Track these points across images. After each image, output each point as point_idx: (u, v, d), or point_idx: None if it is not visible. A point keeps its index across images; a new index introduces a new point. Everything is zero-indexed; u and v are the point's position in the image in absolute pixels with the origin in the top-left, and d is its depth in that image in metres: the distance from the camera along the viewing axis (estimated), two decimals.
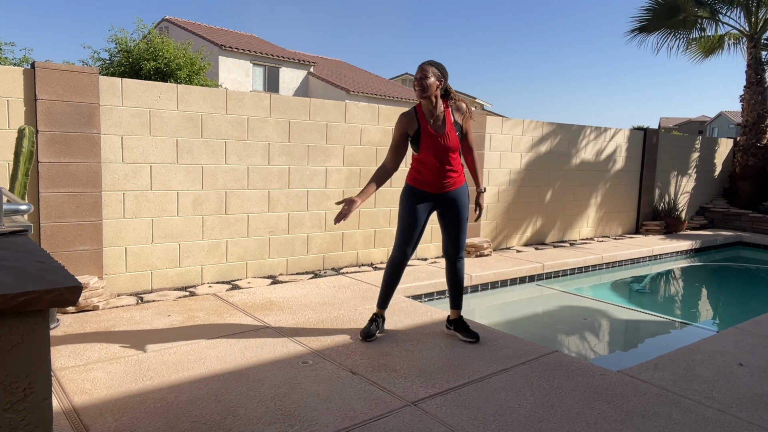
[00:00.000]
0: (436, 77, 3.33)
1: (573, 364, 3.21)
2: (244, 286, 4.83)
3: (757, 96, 9.99)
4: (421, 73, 3.31)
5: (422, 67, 3.33)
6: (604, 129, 8.25)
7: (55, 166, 4.05)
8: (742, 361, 3.36)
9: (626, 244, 7.71)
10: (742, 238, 9.04)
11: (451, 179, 3.46)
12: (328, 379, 2.90)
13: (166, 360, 3.09)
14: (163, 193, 4.59)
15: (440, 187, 3.46)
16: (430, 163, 3.39)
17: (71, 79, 4.05)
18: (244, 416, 2.48)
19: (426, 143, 3.35)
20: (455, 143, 3.39)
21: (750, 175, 10.16)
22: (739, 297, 6.24)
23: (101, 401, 2.58)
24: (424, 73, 3.30)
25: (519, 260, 6.26)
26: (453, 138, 3.38)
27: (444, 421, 2.48)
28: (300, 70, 26.70)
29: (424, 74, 3.30)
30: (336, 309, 4.17)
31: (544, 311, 5.19)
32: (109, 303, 4.15)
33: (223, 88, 5.11)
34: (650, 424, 2.51)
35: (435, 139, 3.35)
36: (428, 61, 3.36)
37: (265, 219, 5.16)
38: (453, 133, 3.39)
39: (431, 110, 3.38)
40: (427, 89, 3.30)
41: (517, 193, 7.25)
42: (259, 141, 5.04)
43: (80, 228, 4.19)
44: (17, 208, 1.78)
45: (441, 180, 3.43)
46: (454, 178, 3.47)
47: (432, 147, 3.35)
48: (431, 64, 3.34)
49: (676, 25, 10.31)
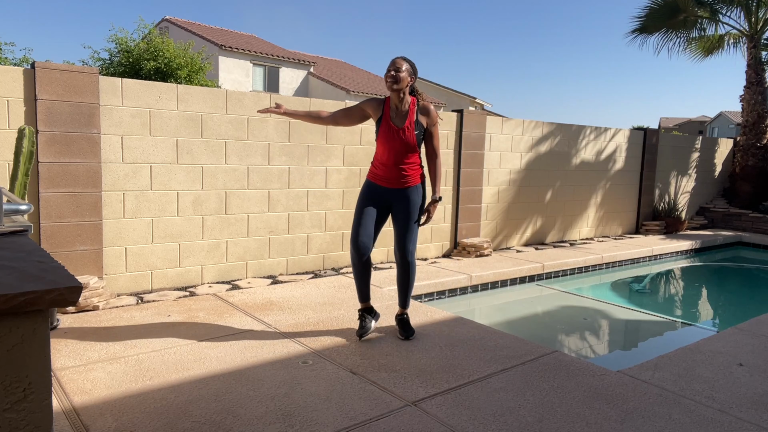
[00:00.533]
0: (408, 73, 3.38)
1: (573, 364, 3.21)
2: (244, 286, 4.83)
3: (757, 96, 9.99)
4: (394, 66, 3.35)
5: (396, 60, 3.37)
6: (604, 129, 8.25)
7: (55, 166, 4.05)
8: (742, 361, 3.36)
9: (626, 244, 7.71)
10: (742, 238, 9.04)
11: (403, 176, 3.47)
12: (328, 379, 2.90)
13: (166, 360, 3.09)
14: (163, 193, 4.59)
15: (392, 183, 3.48)
16: (384, 157, 3.45)
17: (71, 79, 4.05)
18: (244, 416, 2.48)
19: (383, 134, 3.42)
20: (412, 141, 3.42)
21: (750, 175, 10.16)
22: (739, 297, 6.24)
23: (101, 401, 2.58)
24: (397, 66, 3.35)
25: (519, 260, 6.26)
26: (410, 136, 3.41)
27: (444, 421, 2.48)
28: (300, 70, 26.69)
29: (398, 67, 3.35)
30: (336, 309, 4.17)
31: (544, 311, 5.19)
32: (109, 303, 4.15)
33: (223, 89, 5.11)
34: (650, 424, 2.51)
35: (392, 132, 3.40)
36: (401, 56, 3.41)
37: (265, 219, 5.16)
38: (411, 131, 3.42)
39: (397, 105, 3.44)
40: (399, 82, 3.34)
41: (517, 193, 7.25)
42: (259, 141, 5.04)
43: (80, 228, 4.19)
44: (17, 208, 1.78)
45: (393, 175, 3.46)
46: (407, 176, 3.48)
47: (388, 139, 3.40)
48: (405, 60, 3.39)
49: (676, 26, 10.31)
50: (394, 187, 3.49)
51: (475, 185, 6.65)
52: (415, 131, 3.43)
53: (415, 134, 3.43)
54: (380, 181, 3.51)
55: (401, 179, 3.47)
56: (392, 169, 3.45)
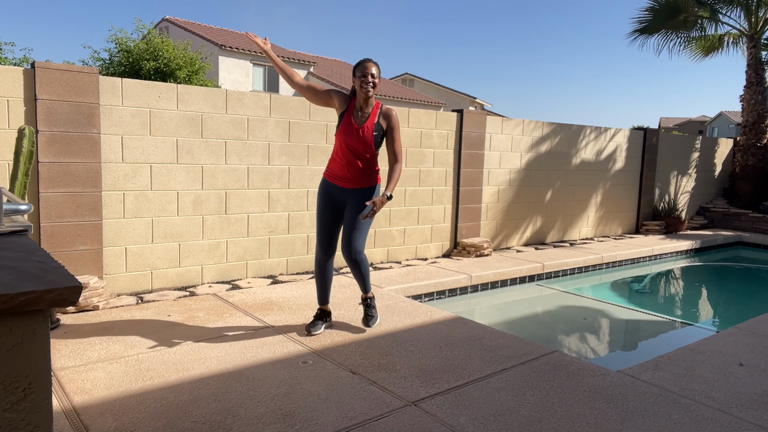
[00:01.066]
0: (379, 78, 3.44)
1: (573, 364, 3.21)
2: (244, 286, 4.83)
3: (757, 96, 10.00)
4: (371, 73, 3.37)
5: (369, 65, 3.39)
6: (604, 129, 8.25)
7: (55, 166, 4.05)
8: (742, 361, 3.36)
9: (626, 244, 7.71)
10: (742, 238, 9.04)
11: (357, 176, 3.49)
12: (328, 379, 2.90)
13: (166, 360, 3.09)
14: (163, 193, 4.59)
15: (347, 182, 3.50)
16: (340, 155, 3.47)
17: (71, 79, 4.05)
18: (244, 416, 2.48)
19: (342, 129, 3.44)
20: (369, 141, 3.44)
21: (750, 175, 10.16)
22: (739, 297, 6.24)
23: (101, 401, 2.58)
24: (373, 73, 3.38)
25: (519, 260, 6.26)
26: (368, 136, 3.43)
27: (444, 421, 2.48)
28: (300, 70, 26.69)
29: (374, 74, 3.38)
30: (336, 309, 4.17)
31: (544, 311, 5.19)
32: (109, 303, 4.15)
33: (223, 88, 5.11)
34: (650, 424, 2.51)
35: (351, 130, 3.42)
36: (369, 59, 3.42)
37: (265, 219, 5.16)
38: (369, 132, 3.44)
39: (362, 105, 3.46)
40: (375, 88, 3.41)
41: (517, 192, 7.25)
42: (259, 141, 5.04)
43: (80, 228, 4.19)
44: (17, 208, 1.78)
45: (348, 174, 3.48)
46: (361, 176, 3.49)
47: (345, 136, 3.42)
48: (375, 63, 3.41)
49: (676, 26, 10.32)
50: (348, 187, 3.51)
51: (475, 185, 6.65)
52: (374, 132, 3.46)
53: (374, 135, 3.45)
54: (335, 179, 3.53)
55: (356, 179, 3.49)
56: (347, 168, 3.48)
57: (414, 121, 6.07)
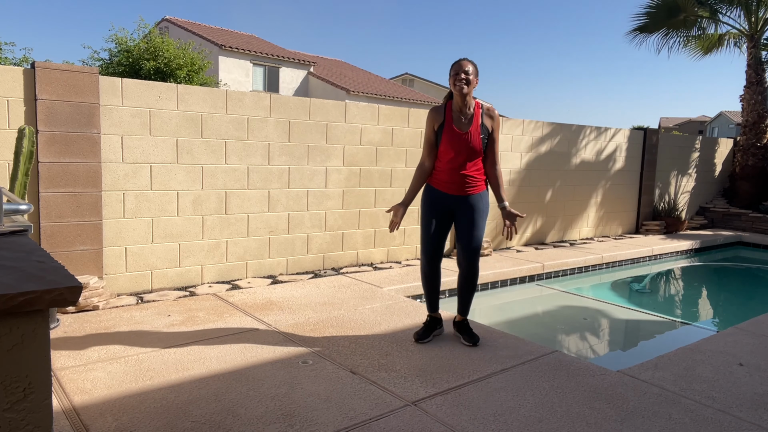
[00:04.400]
0: (474, 75, 3.26)
1: (573, 364, 3.21)
2: (244, 286, 4.83)
3: (757, 96, 9.99)
4: (463, 69, 3.21)
5: (463, 63, 3.23)
6: (604, 129, 8.25)
7: (55, 166, 4.05)
8: (742, 361, 3.36)
9: (626, 244, 7.71)
10: (742, 238, 9.04)
11: (468, 183, 3.37)
12: (328, 379, 2.90)
13: (166, 360, 3.09)
14: (163, 193, 4.59)
15: (457, 189, 3.37)
16: (449, 162, 3.33)
17: (71, 79, 4.05)
18: (244, 416, 2.48)
19: (447, 139, 3.29)
20: (477, 145, 3.31)
21: (750, 175, 10.16)
22: (739, 297, 6.24)
23: (101, 401, 2.58)
24: (466, 69, 3.22)
25: (519, 260, 6.26)
26: (476, 139, 3.30)
27: (444, 421, 2.48)
28: (300, 70, 26.69)
29: (467, 70, 3.21)
30: (336, 309, 4.17)
31: (544, 311, 5.19)
32: (109, 303, 4.15)
33: (223, 88, 5.11)
34: (650, 424, 2.51)
35: (457, 137, 3.28)
36: (466, 58, 3.27)
37: (265, 219, 5.16)
38: (477, 135, 3.30)
39: (461, 108, 3.31)
40: (470, 84, 3.23)
41: (517, 192, 7.25)
42: (259, 141, 5.04)
43: (80, 228, 4.19)
44: (17, 208, 1.78)
45: (459, 181, 3.35)
46: (472, 182, 3.37)
47: (452, 144, 3.28)
48: (470, 61, 3.26)
49: (676, 25, 10.32)
50: (457, 194, 3.38)
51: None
52: (481, 135, 3.32)
53: (481, 138, 3.32)
54: (443, 186, 3.38)
55: (466, 186, 3.36)
56: (457, 175, 3.33)
57: (414, 121, 6.07)
